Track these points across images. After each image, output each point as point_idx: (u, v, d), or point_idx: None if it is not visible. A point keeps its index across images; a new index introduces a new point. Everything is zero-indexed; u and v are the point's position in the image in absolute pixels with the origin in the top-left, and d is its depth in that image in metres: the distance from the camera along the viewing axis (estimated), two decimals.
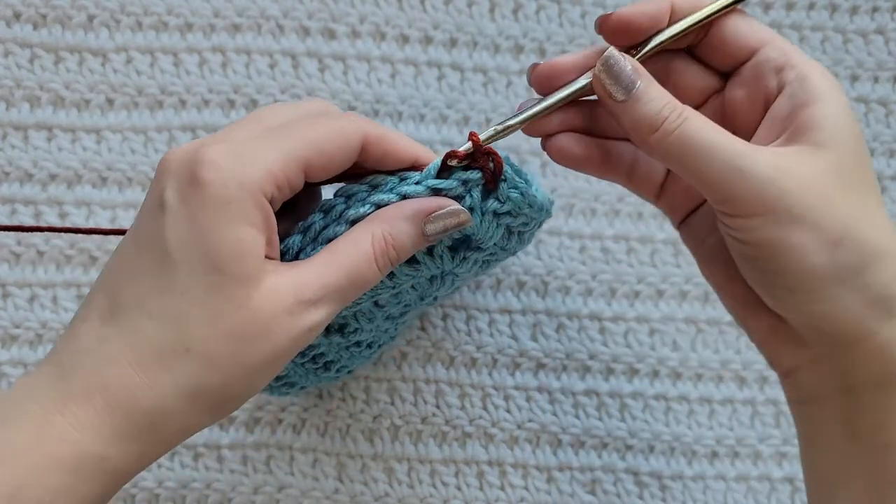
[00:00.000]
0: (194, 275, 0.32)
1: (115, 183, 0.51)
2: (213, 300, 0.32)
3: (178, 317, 0.32)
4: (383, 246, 0.35)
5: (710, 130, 0.33)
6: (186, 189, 0.32)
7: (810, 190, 0.32)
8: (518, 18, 0.54)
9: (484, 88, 0.53)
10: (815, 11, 0.55)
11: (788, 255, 0.32)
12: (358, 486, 0.50)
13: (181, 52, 0.52)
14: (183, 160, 0.33)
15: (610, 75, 0.34)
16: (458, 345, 0.51)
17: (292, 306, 0.33)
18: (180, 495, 0.49)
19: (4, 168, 0.51)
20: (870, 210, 0.33)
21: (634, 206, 0.53)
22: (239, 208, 0.32)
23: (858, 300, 0.33)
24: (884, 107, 0.55)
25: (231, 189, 0.32)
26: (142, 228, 0.33)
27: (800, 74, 0.35)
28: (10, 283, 0.51)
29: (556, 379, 0.52)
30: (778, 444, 0.52)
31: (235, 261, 0.32)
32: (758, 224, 0.33)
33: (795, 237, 0.32)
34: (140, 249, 0.33)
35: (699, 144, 0.33)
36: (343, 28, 0.53)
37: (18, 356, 0.50)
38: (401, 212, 0.35)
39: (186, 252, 0.32)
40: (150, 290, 0.32)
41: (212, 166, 0.32)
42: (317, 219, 0.36)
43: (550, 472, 0.51)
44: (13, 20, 0.52)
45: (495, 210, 0.37)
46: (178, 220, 0.32)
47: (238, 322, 0.32)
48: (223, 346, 0.32)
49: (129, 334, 0.32)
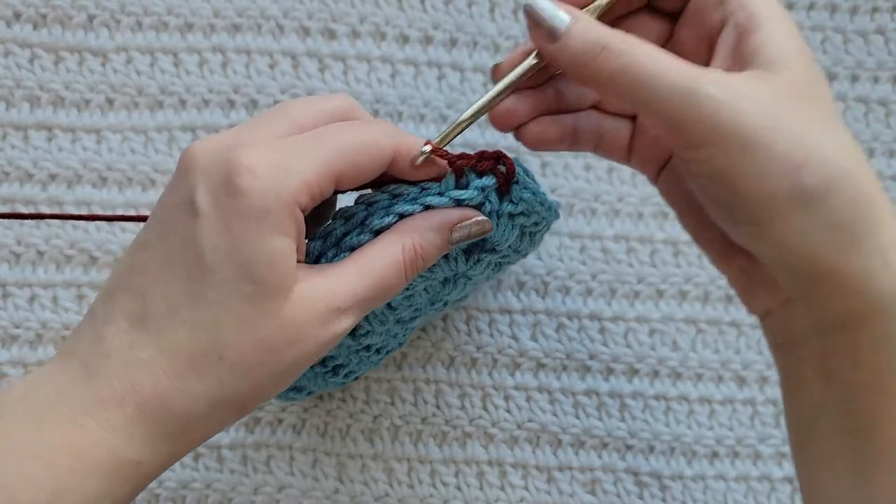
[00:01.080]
0: (229, 285, 0.32)
1: (115, 183, 0.51)
2: (246, 310, 0.32)
3: (211, 325, 0.32)
4: (413, 255, 0.35)
5: (656, 54, 0.31)
6: (222, 195, 0.31)
7: (767, 111, 0.30)
8: (518, 18, 0.54)
9: (484, 88, 0.53)
10: (815, 11, 0.55)
11: (748, 184, 0.31)
12: (358, 486, 0.50)
13: (181, 52, 0.52)
14: (215, 161, 0.32)
15: (536, 20, 0.33)
16: (458, 345, 0.51)
17: (323, 314, 0.33)
18: (180, 495, 0.49)
19: (4, 168, 0.51)
20: (831, 130, 0.32)
21: (634, 206, 0.53)
22: (276, 219, 0.32)
23: (824, 226, 0.31)
24: (884, 107, 0.55)
25: (270, 200, 0.31)
26: (171, 229, 0.33)
27: (740, 3, 0.33)
28: (10, 283, 0.51)
29: (556, 379, 0.52)
30: (778, 444, 0.52)
31: (270, 272, 0.32)
32: (714, 152, 0.31)
33: (754, 163, 0.30)
34: (170, 253, 0.32)
35: (644, 68, 0.31)
36: (343, 28, 0.53)
37: (18, 356, 0.50)
38: (429, 223, 0.36)
39: (221, 261, 0.31)
40: (183, 296, 0.32)
41: (250, 174, 0.31)
42: (337, 225, 0.37)
43: (550, 472, 0.51)
44: (13, 20, 0.52)
45: (510, 212, 0.38)
46: (213, 228, 0.31)
47: (271, 331, 0.32)
48: (255, 355, 0.32)
49: (161, 340, 0.32)
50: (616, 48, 0.32)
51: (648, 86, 0.31)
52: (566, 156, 0.53)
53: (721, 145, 0.31)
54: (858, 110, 0.55)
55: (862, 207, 0.31)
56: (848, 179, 0.31)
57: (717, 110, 0.30)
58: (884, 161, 0.54)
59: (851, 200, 0.31)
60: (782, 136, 0.30)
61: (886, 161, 0.55)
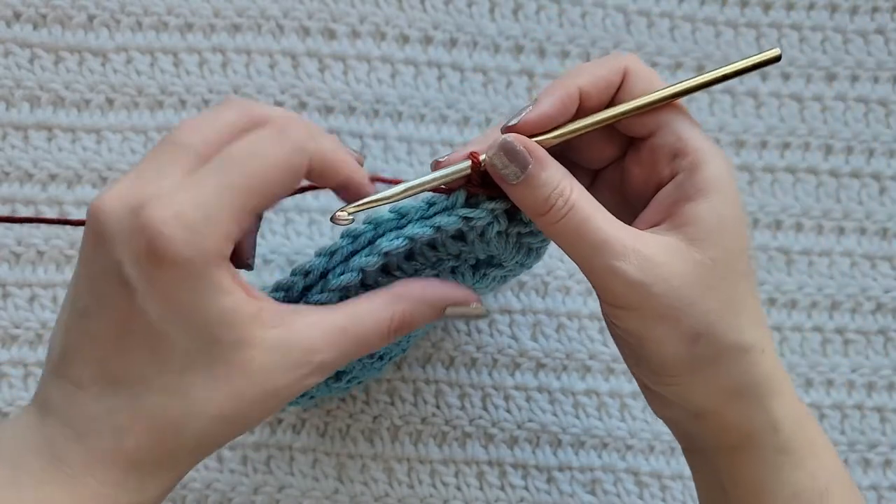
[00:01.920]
0: (190, 351, 0.31)
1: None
2: (215, 369, 0.32)
3: (183, 389, 0.32)
4: (400, 325, 0.35)
5: (592, 222, 0.35)
6: (149, 267, 0.30)
7: (676, 290, 0.35)
8: (518, 18, 0.54)
9: (484, 88, 0.53)
10: (815, 11, 0.55)
11: (651, 347, 0.36)
12: (358, 486, 0.50)
13: (181, 52, 0.52)
14: (128, 227, 0.31)
15: (501, 160, 0.35)
16: (458, 345, 0.51)
17: (299, 363, 0.33)
18: (180, 495, 0.49)
19: (4, 168, 0.51)
20: (735, 305, 0.36)
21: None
22: (210, 279, 0.31)
23: (712, 387, 0.36)
24: (884, 107, 0.55)
25: (197, 264, 0.30)
26: (108, 300, 0.32)
27: (691, 164, 0.36)
28: (10, 283, 0.51)
29: (556, 379, 0.52)
30: None
31: (227, 329, 0.31)
32: (628, 316, 0.36)
33: (657, 332, 0.35)
34: (117, 324, 0.32)
35: (580, 238, 0.35)
36: (343, 28, 0.53)
37: (18, 356, 0.50)
38: (426, 294, 0.36)
39: (174, 331, 0.31)
40: (147, 365, 0.32)
41: (168, 241, 0.30)
42: (345, 243, 0.36)
43: (550, 472, 0.51)
44: (13, 20, 0.52)
45: (519, 231, 0.38)
46: (152, 300, 0.31)
47: (243, 384, 0.32)
48: (232, 407, 0.32)
49: (137, 408, 0.32)
50: (561, 209, 0.35)
51: (583, 252, 0.35)
52: None
53: (636, 313, 0.35)
54: (858, 110, 0.55)
55: (749, 375, 0.36)
56: (736, 352, 0.36)
57: (634, 289, 0.35)
58: (884, 161, 0.54)
59: (739, 370, 0.36)
60: (687, 314, 0.35)
61: (886, 161, 0.55)
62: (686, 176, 0.36)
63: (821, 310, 0.53)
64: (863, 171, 0.54)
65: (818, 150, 0.54)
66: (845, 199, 0.54)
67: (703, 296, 0.35)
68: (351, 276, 0.36)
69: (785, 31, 0.55)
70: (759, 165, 0.54)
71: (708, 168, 0.36)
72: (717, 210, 0.35)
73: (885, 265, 0.54)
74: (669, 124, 0.37)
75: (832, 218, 0.54)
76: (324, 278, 0.36)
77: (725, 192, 0.36)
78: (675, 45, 0.54)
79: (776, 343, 0.53)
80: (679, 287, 0.35)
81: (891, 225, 0.54)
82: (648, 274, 0.34)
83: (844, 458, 0.52)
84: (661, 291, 0.35)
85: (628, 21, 0.54)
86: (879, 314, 0.54)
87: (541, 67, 0.53)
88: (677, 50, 0.54)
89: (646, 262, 0.35)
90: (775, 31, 0.55)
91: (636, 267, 0.34)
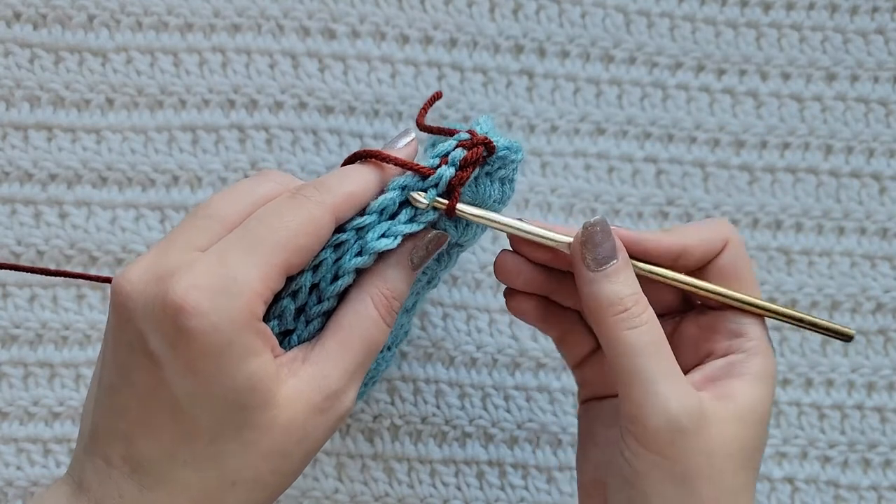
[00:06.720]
0: (218, 421, 0.31)
1: (115, 183, 0.51)
2: (243, 434, 0.31)
3: (214, 459, 0.31)
4: (385, 303, 0.35)
5: (659, 352, 0.35)
6: (176, 341, 0.30)
7: (708, 457, 0.34)
8: (518, 18, 0.54)
9: (484, 88, 0.53)
10: (815, 11, 0.55)
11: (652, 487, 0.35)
12: (358, 486, 0.50)
13: (181, 52, 0.52)
14: (154, 303, 0.30)
15: (591, 241, 0.35)
16: (458, 345, 0.51)
17: (321, 402, 0.33)
18: None
19: (4, 168, 0.51)
20: (738, 497, 0.35)
21: (634, 206, 0.53)
22: (239, 346, 0.30)
23: None
24: (884, 107, 0.55)
25: (225, 331, 0.30)
26: (135, 375, 0.32)
27: (750, 350, 0.37)
28: (10, 283, 0.51)
29: (556, 379, 0.52)
30: (778, 444, 0.52)
31: (253, 394, 0.31)
32: (653, 461, 0.34)
33: (671, 494, 0.34)
34: (144, 400, 0.31)
35: (642, 358, 0.34)
36: (343, 28, 0.53)
37: (18, 356, 0.50)
38: (385, 262, 0.35)
39: (201, 403, 0.31)
40: (175, 441, 0.31)
41: (195, 314, 0.29)
42: (327, 255, 0.35)
43: (550, 472, 0.51)
44: (13, 20, 0.52)
45: (488, 171, 0.38)
46: (179, 373, 0.30)
47: (273, 442, 0.32)
48: (265, 466, 0.32)
49: (170, 485, 0.32)
50: (635, 317, 0.34)
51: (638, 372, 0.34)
52: (566, 155, 0.53)
53: (660, 459, 0.34)
54: (858, 110, 0.55)
55: None
56: None
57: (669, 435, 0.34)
58: (884, 161, 0.54)
59: None
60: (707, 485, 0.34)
61: (886, 161, 0.55)
62: (742, 359, 0.37)
63: (821, 310, 0.53)
64: (863, 171, 0.54)
65: (818, 150, 0.54)
66: (845, 199, 0.54)
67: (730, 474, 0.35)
68: (347, 280, 0.35)
69: (785, 31, 0.55)
70: (759, 165, 0.54)
71: (764, 361, 0.37)
72: (761, 400, 0.36)
73: (885, 265, 0.54)
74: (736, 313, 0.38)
75: (832, 218, 0.54)
76: (314, 291, 0.36)
77: (770, 388, 0.37)
78: (675, 45, 0.54)
79: (776, 342, 0.53)
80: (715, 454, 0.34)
81: (891, 225, 0.54)
82: (693, 420, 0.34)
83: (844, 458, 0.52)
84: (697, 450, 0.34)
85: (628, 21, 0.54)
86: (879, 314, 0.54)
87: (541, 67, 0.54)
88: (677, 50, 0.54)
89: (701, 417, 0.34)
90: (775, 31, 0.55)
91: (684, 411, 0.34)
